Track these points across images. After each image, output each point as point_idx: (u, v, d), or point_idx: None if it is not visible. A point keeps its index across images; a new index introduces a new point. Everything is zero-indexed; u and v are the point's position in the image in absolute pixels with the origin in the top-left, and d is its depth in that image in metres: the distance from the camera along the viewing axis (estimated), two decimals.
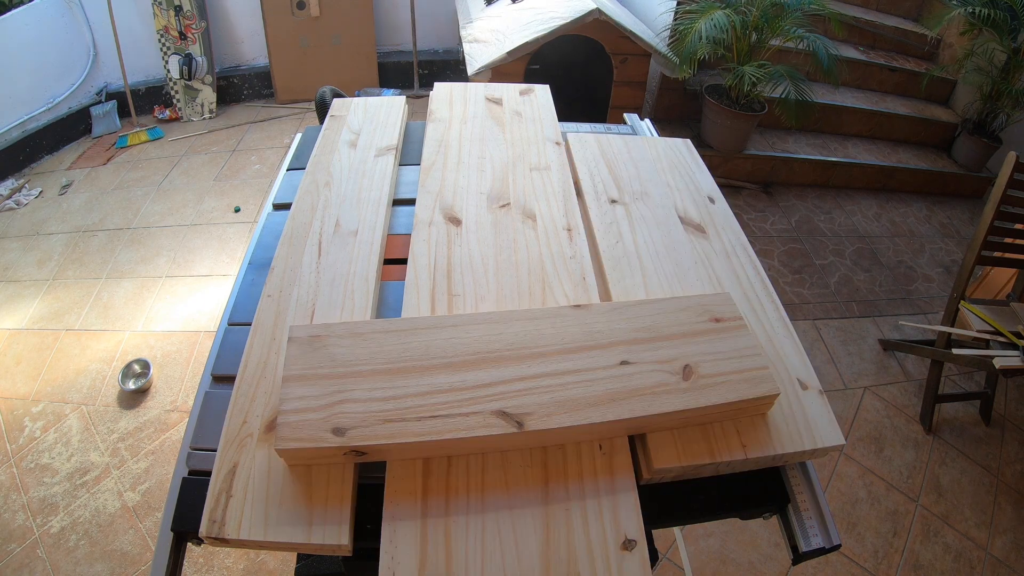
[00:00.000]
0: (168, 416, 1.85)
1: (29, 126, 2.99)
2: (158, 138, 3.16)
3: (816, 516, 0.62)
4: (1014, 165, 1.65)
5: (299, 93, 3.40)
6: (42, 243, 2.52)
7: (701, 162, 1.00)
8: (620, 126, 1.21)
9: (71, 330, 2.13)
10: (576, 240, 0.83)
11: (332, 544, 0.54)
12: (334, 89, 1.39)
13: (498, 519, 0.55)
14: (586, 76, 2.67)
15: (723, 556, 1.55)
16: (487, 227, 0.84)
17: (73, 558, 1.52)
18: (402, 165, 1.02)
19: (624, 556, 0.53)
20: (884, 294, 2.41)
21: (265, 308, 0.72)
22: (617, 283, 0.76)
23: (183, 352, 2.04)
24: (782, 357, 0.69)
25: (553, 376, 0.60)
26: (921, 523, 1.65)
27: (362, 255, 0.79)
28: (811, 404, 0.65)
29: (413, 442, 0.55)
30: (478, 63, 2.41)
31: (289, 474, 0.57)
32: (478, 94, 1.16)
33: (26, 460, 1.74)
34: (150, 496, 1.65)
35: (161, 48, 3.13)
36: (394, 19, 3.45)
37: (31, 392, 1.93)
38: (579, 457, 0.60)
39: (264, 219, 0.94)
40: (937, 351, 1.83)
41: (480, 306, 0.72)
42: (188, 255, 2.44)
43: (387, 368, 0.60)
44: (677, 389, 0.60)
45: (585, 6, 2.34)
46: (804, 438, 0.61)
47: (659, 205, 0.90)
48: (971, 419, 1.95)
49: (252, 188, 2.80)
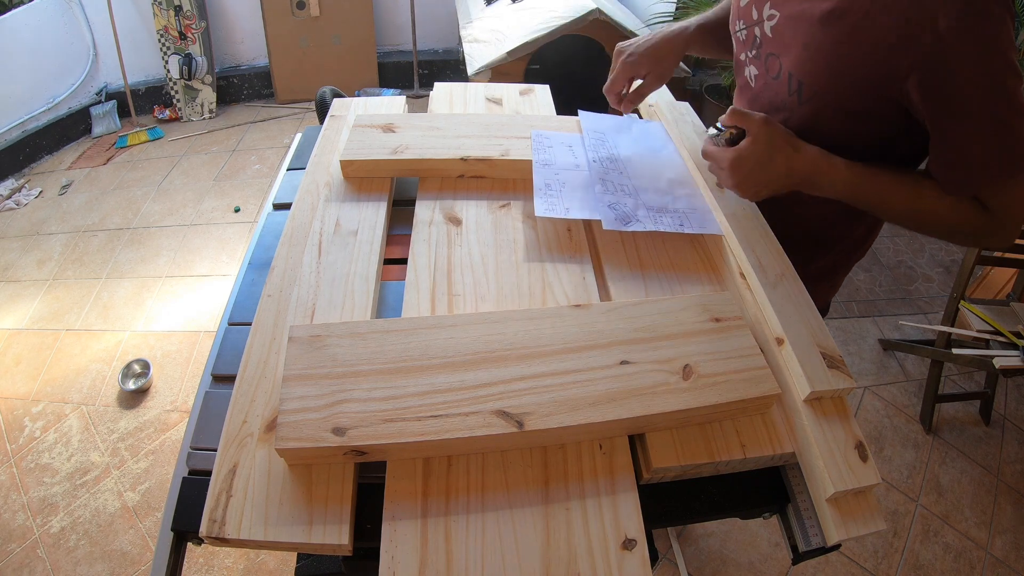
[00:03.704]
0: (168, 416, 1.85)
1: (29, 126, 2.99)
2: (158, 138, 3.16)
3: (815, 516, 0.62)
4: None
5: (299, 93, 3.41)
6: (42, 243, 2.52)
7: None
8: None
9: (71, 330, 2.13)
10: (576, 240, 0.83)
11: (332, 544, 0.54)
12: (334, 89, 1.39)
13: (498, 519, 0.55)
14: (586, 76, 2.67)
15: (723, 556, 1.55)
16: (487, 227, 0.84)
17: (73, 558, 1.52)
18: None
19: (624, 555, 0.54)
20: (884, 294, 2.41)
21: (265, 308, 0.72)
22: (617, 282, 0.76)
23: (183, 352, 2.04)
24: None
25: (553, 376, 0.60)
26: (921, 523, 1.65)
27: (362, 255, 0.79)
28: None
29: (413, 442, 0.55)
30: (478, 63, 2.41)
31: (289, 474, 0.57)
32: (478, 94, 1.16)
33: (26, 460, 1.74)
34: (150, 496, 1.65)
35: (161, 48, 3.13)
36: (394, 19, 3.45)
37: (31, 392, 1.93)
38: (579, 457, 0.60)
39: (264, 219, 0.94)
40: (937, 351, 1.83)
41: (480, 306, 0.72)
42: (188, 255, 2.44)
43: (387, 368, 0.60)
44: (677, 389, 0.60)
45: (585, 6, 2.35)
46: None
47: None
48: (971, 419, 1.95)
49: (252, 188, 2.80)
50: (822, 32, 0.70)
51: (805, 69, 0.73)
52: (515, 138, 0.96)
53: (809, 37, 0.72)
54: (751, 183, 0.73)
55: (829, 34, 0.69)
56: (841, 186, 0.72)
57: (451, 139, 0.94)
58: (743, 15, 0.83)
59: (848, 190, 0.72)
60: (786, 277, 0.74)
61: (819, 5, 0.70)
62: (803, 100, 0.75)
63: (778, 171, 0.72)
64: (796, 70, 0.74)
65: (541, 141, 0.95)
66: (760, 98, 0.84)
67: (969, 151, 0.66)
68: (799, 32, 0.73)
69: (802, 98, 0.75)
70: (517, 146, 0.94)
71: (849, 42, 0.68)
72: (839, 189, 0.72)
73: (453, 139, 0.94)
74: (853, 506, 0.58)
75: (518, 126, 0.99)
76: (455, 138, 0.94)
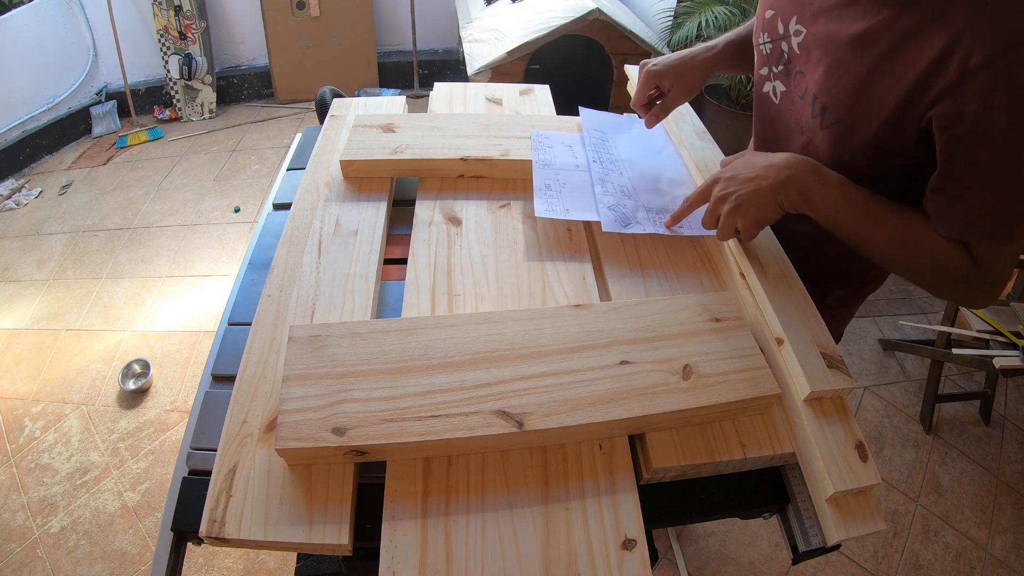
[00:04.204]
0: (168, 416, 1.85)
1: (29, 126, 2.98)
2: (158, 138, 3.16)
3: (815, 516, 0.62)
4: None
5: (299, 93, 3.40)
6: (42, 243, 2.52)
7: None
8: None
9: (71, 330, 2.13)
10: (576, 240, 0.83)
11: (332, 544, 0.54)
12: (334, 89, 1.39)
13: (498, 519, 0.55)
14: (586, 76, 2.67)
15: (723, 556, 1.55)
16: (487, 227, 0.84)
17: (73, 558, 1.52)
18: None
19: (624, 555, 0.54)
20: (884, 294, 2.41)
21: (265, 308, 0.72)
22: (617, 282, 0.76)
23: (183, 352, 2.04)
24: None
25: (553, 376, 0.60)
26: (921, 523, 1.65)
27: (362, 255, 0.79)
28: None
29: (413, 442, 0.55)
30: (478, 63, 2.41)
31: (289, 474, 0.57)
32: (478, 94, 1.16)
33: (26, 460, 1.74)
34: (150, 496, 1.65)
35: (161, 48, 3.13)
36: (394, 19, 3.45)
37: (31, 392, 1.93)
38: (579, 457, 0.60)
39: (264, 219, 0.94)
40: (937, 351, 1.83)
41: (480, 306, 0.72)
42: (188, 255, 2.44)
43: (387, 368, 0.60)
44: (677, 389, 0.60)
45: (585, 6, 2.35)
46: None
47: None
48: (971, 419, 1.95)
49: (252, 188, 2.80)
50: (851, 56, 0.66)
51: (831, 94, 0.69)
52: (515, 138, 0.96)
53: (837, 59, 0.68)
54: (748, 183, 0.69)
55: (859, 57, 0.66)
56: (836, 192, 0.68)
57: (451, 139, 0.94)
58: (768, 28, 0.79)
59: (843, 201, 0.68)
60: (786, 277, 0.74)
61: (849, 27, 0.66)
62: (825, 124, 0.72)
63: (771, 160, 0.69)
64: (821, 93, 0.71)
65: (541, 141, 0.95)
66: (783, 116, 0.80)
67: (968, 197, 0.63)
68: (827, 53, 0.69)
69: (824, 122, 0.72)
70: (517, 146, 0.94)
71: (879, 68, 0.64)
72: (834, 197, 0.68)
73: (453, 139, 0.94)
74: (853, 506, 0.58)
75: (518, 126, 0.99)
76: (455, 138, 0.94)
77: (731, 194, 0.70)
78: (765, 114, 0.85)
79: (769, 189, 0.68)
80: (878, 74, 0.64)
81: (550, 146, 0.94)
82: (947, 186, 0.64)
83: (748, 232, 0.71)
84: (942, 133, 0.61)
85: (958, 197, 0.64)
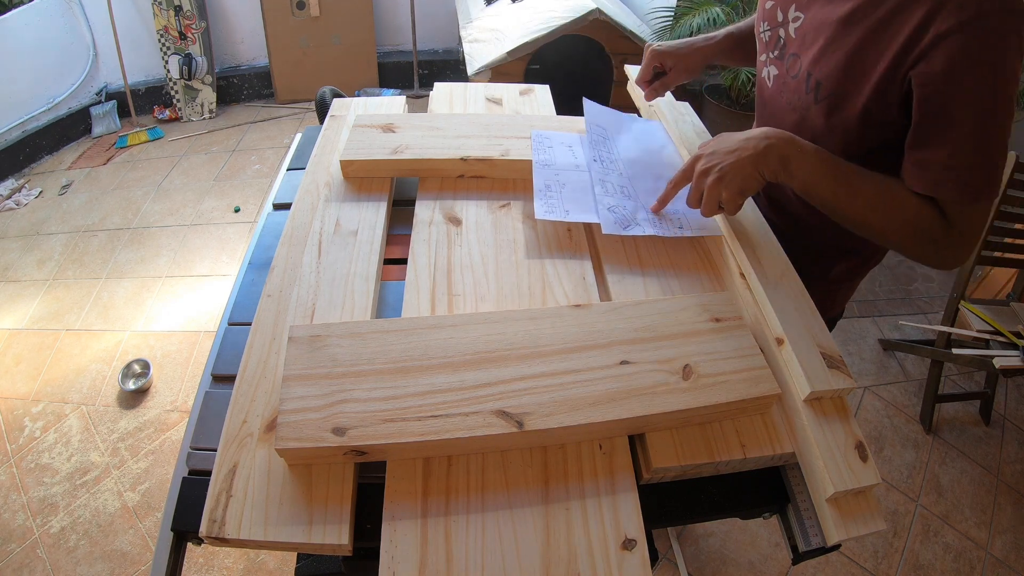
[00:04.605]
0: (168, 416, 1.85)
1: (29, 126, 2.98)
2: (158, 138, 3.16)
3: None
4: (1014, 165, 1.65)
5: (299, 93, 3.40)
6: (42, 243, 2.52)
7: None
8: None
9: (71, 330, 2.13)
10: (576, 239, 0.83)
11: (332, 544, 0.54)
12: (334, 89, 1.39)
13: (498, 519, 0.55)
14: (586, 76, 2.67)
15: (723, 556, 1.55)
16: (487, 227, 0.84)
17: (73, 558, 1.52)
18: None
19: (624, 556, 0.54)
20: (884, 294, 2.41)
21: (265, 308, 0.72)
22: (617, 282, 0.76)
23: (183, 352, 2.04)
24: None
25: (553, 376, 0.60)
26: (921, 523, 1.65)
27: (362, 255, 0.79)
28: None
29: (413, 442, 0.55)
30: (478, 63, 2.41)
31: (289, 474, 0.57)
32: (478, 94, 1.16)
33: (26, 460, 1.74)
34: (150, 496, 1.65)
35: (161, 48, 3.13)
36: (394, 19, 3.45)
37: (31, 392, 1.93)
38: (579, 457, 0.60)
39: (264, 219, 0.94)
40: (937, 351, 1.83)
41: (480, 306, 0.72)
42: (188, 255, 2.44)
43: (387, 368, 0.60)
44: (677, 389, 0.60)
45: (585, 6, 2.35)
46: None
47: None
48: (971, 419, 1.95)
49: (252, 188, 2.80)
50: (843, 32, 0.72)
51: (824, 68, 0.75)
52: (515, 138, 0.96)
53: (830, 37, 0.74)
54: (730, 155, 0.72)
55: (849, 34, 0.72)
56: (813, 159, 0.72)
57: (451, 139, 0.94)
58: (768, 17, 0.85)
59: (820, 166, 0.72)
60: (786, 277, 0.74)
61: (841, 7, 0.73)
62: (819, 98, 0.77)
63: (748, 134, 0.74)
64: (815, 69, 0.76)
65: (541, 141, 0.95)
66: (777, 99, 0.86)
67: (938, 154, 0.67)
68: (821, 33, 0.75)
69: (819, 96, 0.76)
70: (517, 146, 0.94)
71: (866, 41, 0.70)
72: (812, 163, 0.72)
73: (453, 139, 0.94)
74: (853, 506, 0.58)
75: (518, 126, 0.99)
76: (455, 138, 0.94)
77: (714, 167, 0.73)
78: (761, 98, 0.91)
79: (750, 159, 0.72)
80: (866, 47, 0.70)
81: (550, 146, 0.94)
82: (918, 142, 0.69)
83: (731, 203, 0.73)
84: (917, 92, 0.67)
85: (929, 153, 0.68)
